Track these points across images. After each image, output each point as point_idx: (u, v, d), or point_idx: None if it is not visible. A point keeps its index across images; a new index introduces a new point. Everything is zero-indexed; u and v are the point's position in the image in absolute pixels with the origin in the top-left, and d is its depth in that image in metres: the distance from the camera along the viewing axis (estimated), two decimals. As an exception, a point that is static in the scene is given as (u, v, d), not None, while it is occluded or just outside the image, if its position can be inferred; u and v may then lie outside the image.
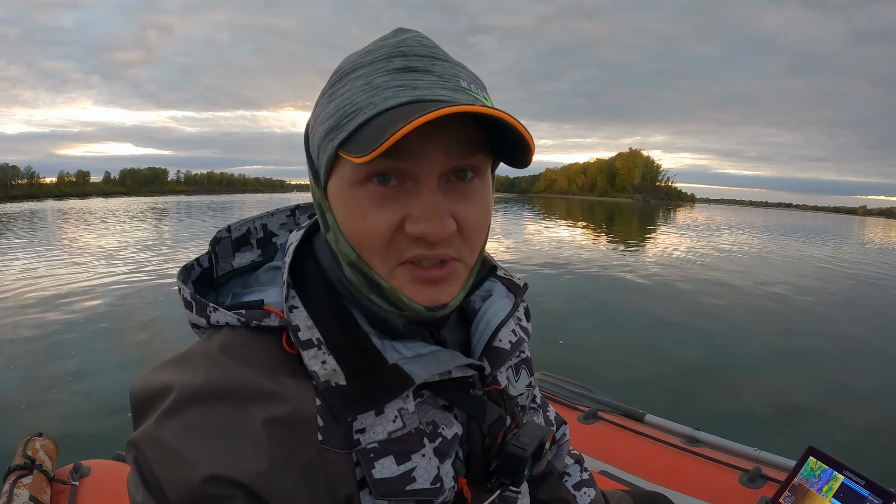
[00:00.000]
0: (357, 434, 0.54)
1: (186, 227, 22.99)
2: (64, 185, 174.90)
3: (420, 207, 0.51)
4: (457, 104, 0.45)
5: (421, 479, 0.56)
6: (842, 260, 16.11)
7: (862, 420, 3.94)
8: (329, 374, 0.54)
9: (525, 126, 0.48)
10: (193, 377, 0.52)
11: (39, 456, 1.69)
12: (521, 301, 0.76)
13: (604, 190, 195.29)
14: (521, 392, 0.76)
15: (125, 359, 5.05)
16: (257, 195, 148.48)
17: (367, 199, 0.52)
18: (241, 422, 0.50)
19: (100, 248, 14.31)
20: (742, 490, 1.64)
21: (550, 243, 16.56)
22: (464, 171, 0.54)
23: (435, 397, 0.61)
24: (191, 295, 0.59)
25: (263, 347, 0.55)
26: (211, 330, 0.58)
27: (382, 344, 0.57)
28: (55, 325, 6.20)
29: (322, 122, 0.54)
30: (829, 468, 1.31)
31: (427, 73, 0.52)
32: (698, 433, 1.96)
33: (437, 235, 0.51)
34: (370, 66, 0.52)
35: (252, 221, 0.68)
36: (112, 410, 3.76)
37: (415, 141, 0.49)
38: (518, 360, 0.77)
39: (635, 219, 40.40)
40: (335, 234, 0.56)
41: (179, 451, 0.49)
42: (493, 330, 0.68)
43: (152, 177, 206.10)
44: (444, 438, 0.59)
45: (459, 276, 0.57)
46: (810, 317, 7.61)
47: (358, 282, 0.57)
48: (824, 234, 31.83)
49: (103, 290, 8.28)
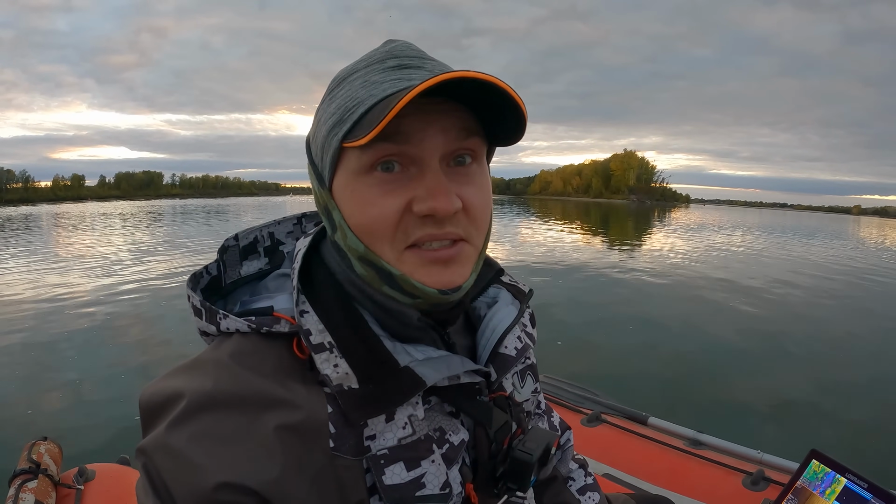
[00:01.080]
0: (367, 441, 0.55)
1: (185, 231, 22.90)
2: (59, 189, 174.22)
3: (425, 187, 0.53)
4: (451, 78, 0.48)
5: (430, 486, 0.56)
6: (842, 259, 16.18)
7: (866, 422, 3.95)
8: (342, 378, 0.54)
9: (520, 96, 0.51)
10: (204, 384, 0.52)
11: (44, 460, 1.69)
12: (526, 307, 0.77)
13: (599, 191, 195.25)
14: (527, 398, 0.77)
15: (130, 363, 5.06)
16: (253, 198, 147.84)
17: (373, 186, 0.54)
18: (253, 429, 0.50)
19: (100, 252, 14.32)
20: (745, 493, 1.64)
21: (547, 245, 16.57)
22: (462, 156, 0.56)
23: (442, 403, 0.61)
24: (200, 302, 0.59)
25: (274, 354, 0.55)
26: (221, 337, 0.58)
27: (394, 346, 0.58)
28: (60, 330, 6.21)
29: (325, 122, 0.56)
30: (832, 471, 1.29)
31: (419, 69, 0.55)
32: (701, 436, 1.97)
33: (446, 210, 0.53)
34: (366, 69, 0.56)
35: (259, 230, 0.69)
36: (117, 414, 3.76)
37: (414, 124, 0.52)
38: (524, 366, 0.78)
39: (631, 220, 40.42)
40: (342, 230, 0.57)
41: (190, 458, 0.49)
42: (498, 337, 0.68)
43: (147, 180, 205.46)
44: (451, 444, 0.60)
45: (469, 257, 0.58)
46: (813, 317, 7.64)
47: (369, 276, 0.57)
48: (821, 233, 31.89)
49: (107, 294, 8.30)
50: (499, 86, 0.49)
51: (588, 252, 15.07)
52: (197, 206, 64.35)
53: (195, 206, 64.67)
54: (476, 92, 0.51)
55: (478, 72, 0.48)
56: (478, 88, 0.50)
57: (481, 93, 0.51)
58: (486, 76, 0.48)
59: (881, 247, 23.69)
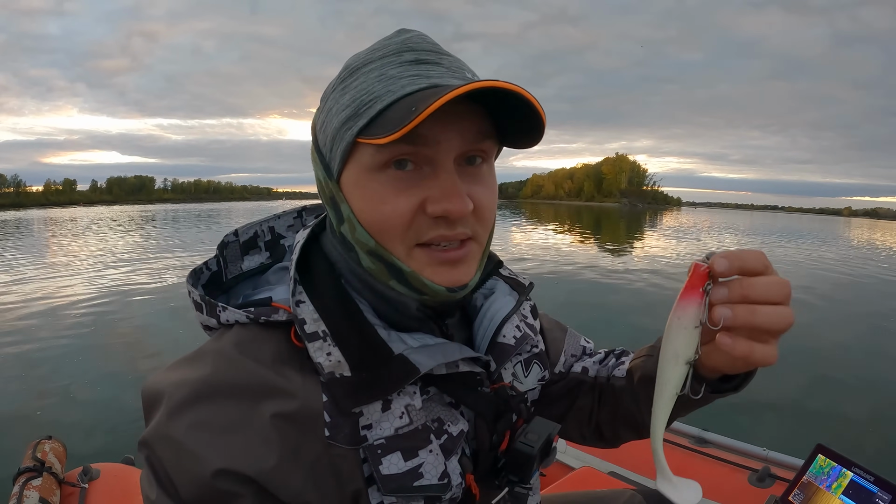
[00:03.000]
0: (364, 430, 0.55)
1: (183, 234, 22.78)
2: (51, 194, 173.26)
3: (440, 188, 0.54)
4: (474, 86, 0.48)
5: (428, 475, 0.56)
6: (844, 259, 16.23)
7: (870, 416, 3.97)
8: (334, 366, 0.54)
9: (542, 105, 0.51)
10: (202, 374, 0.53)
11: (49, 458, 1.69)
12: (526, 299, 0.78)
13: (591, 195, 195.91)
14: (533, 387, 0.76)
15: (137, 362, 5.05)
16: (245, 203, 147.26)
17: (386, 184, 0.54)
18: (249, 418, 0.51)
19: (101, 254, 14.30)
20: (751, 489, 1.65)
21: (542, 247, 16.53)
22: (473, 156, 0.57)
23: (441, 394, 0.61)
24: (200, 297, 0.60)
25: (273, 342, 0.56)
26: (222, 329, 0.59)
27: (389, 335, 0.58)
28: (67, 330, 6.21)
29: (337, 113, 0.55)
30: (838, 465, 1.32)
31: (437, 65, 0.55)
32: (706, 433, 1.97)
33: (460, 212, 0.53)
34: (381, 60, 0.55)
35: (259, 225, 0.69)
36: (121, 413, 3.75)
37: (433, 127, 0.51)
38: (529, 354, 0.77)
39: (623, 223, 40.42)
40: (351, 223, 0.57)
41: (189, 447, 0.49)
42: (496, 326, 0.69)
43: (139, 185, 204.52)
44: (449, 435, 0.59)
45: (475, 255, 0.59)
46: (816, 314, 7.63)
47: (377, 269, 0.58)
48: (813, 235, 32.00)
49: (115, 294, 8.29)
50: (524, 96, 0.50)
51: (584, 254, 15.05)
52: (189, 210, 63.90)
53: (188, 210, 64.22)
54: (495, 95, 0.51)
55: (505, 81, 0.49)
56: (496, 92, 0.50)
57: (499, 97, 0.51)
58: (514, 87, 0.49)
59: (875, 248, 23.77)
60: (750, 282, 0.49)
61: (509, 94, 0.50)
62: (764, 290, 0.49)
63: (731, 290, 0.49)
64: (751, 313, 0.49)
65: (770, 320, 0.49)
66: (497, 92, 0.50)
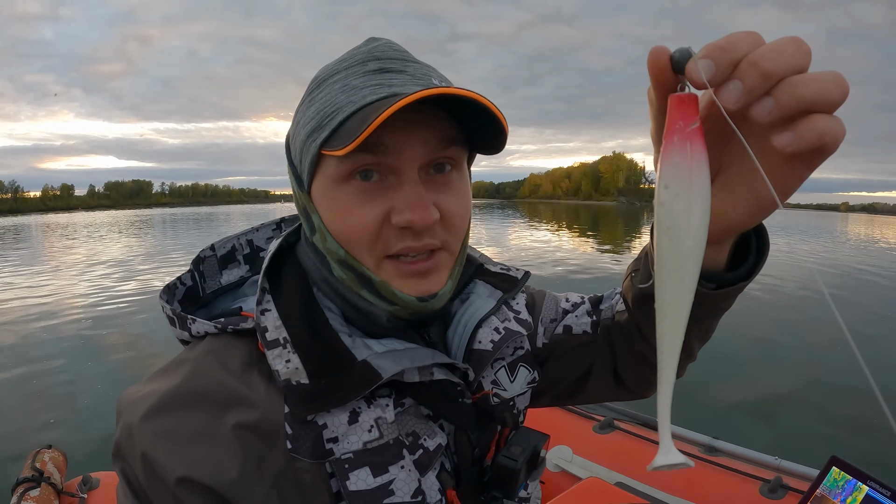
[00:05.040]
0: (329, 443, 0.53)
1: (184, 240, 22.78)
2: (48, 199, 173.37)
3: (403, 198, 0.53)
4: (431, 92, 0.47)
5: (400, 493, 0.54)
6: (847, 259, 16.16)
7: (887, 427, 3.91)
8: (291, 373, 0.53)
9: (501, 112, 0.50)
10: (171, 384, 0.52)
11: (48, 468, 1.68)
12: (520, 292, 0.75)
13: (588, 194, 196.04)
14: (520, 392, 0.71)
15: (138, 369, 5.06)
16: (242, 206, 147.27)
17: (351, 195, 0.53)
18: (212, 427, 0.50)
19: (101, 261, 14.29)
20: (763, 501, 1.63)
21: (539, 247, 16.55)
22: (442, 164, 0.55)
23: (418, 406, 0.59)
24: (171, 311, 0.59)
25: (242, 350, 0.55)
26: (194, 341, 0.59)
27: (353, 342, 0.57)
28: (66, 339, 6.22)
29: (304, 125, 0.55)
30: (853, 478, 1.28)
31: (401, 73, 0.54)
32: (717, 442, 1.95)
33: (423, 222, 0.52)
34: (346, 71, 0.54)
35: (236, 238, 0.68)
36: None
37: (394, 136, 0.51)
38: (514, 358, 0.72)
39: (621, 221, 40.45)
40: (322, 234, 0.57)
41: (153, 456, 0.49)
42: (470, 332, 0.66)
43: (137, 189, 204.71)
44: (425, 450, 0.57)
45: (445, 264, 0.58)
46: (828, 319, 7.54)
47: (348, 278, 0.57)
48: (815, 231, 32.04)
49: (112, 301, 8.29)
50: (480, 102, 0.49)
51: (583, 254, 15.06)
52: (187, 214, 63.92)
53: (186, 214, 64.27)
54: (458, 101, 0.50)
55: (457, 87, 0.48)
56: (459, 99, 0.49)
57: (463, 103, 0.50)
58: (464, 92, 0.47)
59: (878, 244, 23.76)
60: (762, 53, 0.33)
61: (469, 100, 0.49)
62: (786, 58, 0.33)
63: (745, 74, 0.33)
64: (794, 87, 0.33)
65: (824, 86, 0.33)
66: (460, 99, 0.49)
